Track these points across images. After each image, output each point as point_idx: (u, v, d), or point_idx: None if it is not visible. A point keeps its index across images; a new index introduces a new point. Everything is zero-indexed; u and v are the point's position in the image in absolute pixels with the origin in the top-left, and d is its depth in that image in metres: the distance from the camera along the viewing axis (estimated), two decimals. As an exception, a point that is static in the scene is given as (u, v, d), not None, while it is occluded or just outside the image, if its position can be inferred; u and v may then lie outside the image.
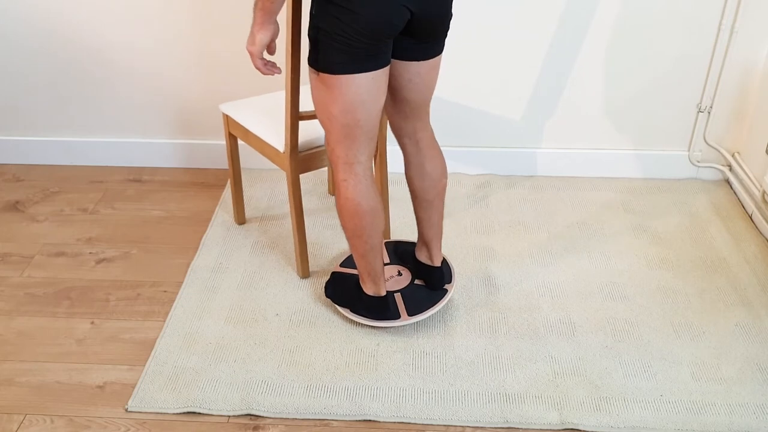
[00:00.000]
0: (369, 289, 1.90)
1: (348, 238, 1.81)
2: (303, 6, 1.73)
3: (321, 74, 1.58)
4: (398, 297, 1.96)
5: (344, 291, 1.99)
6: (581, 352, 1.87)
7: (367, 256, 1.82)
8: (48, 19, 2.47)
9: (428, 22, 1.58)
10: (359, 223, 1.75)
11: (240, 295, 2.07)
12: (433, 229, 1.94)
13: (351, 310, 1.93)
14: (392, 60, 1.67)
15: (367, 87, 1.58)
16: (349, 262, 2.12)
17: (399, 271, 2.04)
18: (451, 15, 1.64)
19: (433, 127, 2.11)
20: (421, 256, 2.00)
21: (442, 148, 1.97)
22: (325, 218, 2.43)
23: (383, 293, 1.91)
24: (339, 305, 1.96)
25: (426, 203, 1.89)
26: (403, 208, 2.47)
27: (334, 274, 2.06)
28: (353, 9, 1.47)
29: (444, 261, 2.05)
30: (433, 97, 2.23)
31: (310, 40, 1.58)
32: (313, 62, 1.60)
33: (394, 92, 1.74)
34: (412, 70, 1.68)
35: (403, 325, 1.93)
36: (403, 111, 1.78)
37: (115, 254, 2.27)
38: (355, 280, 1.97)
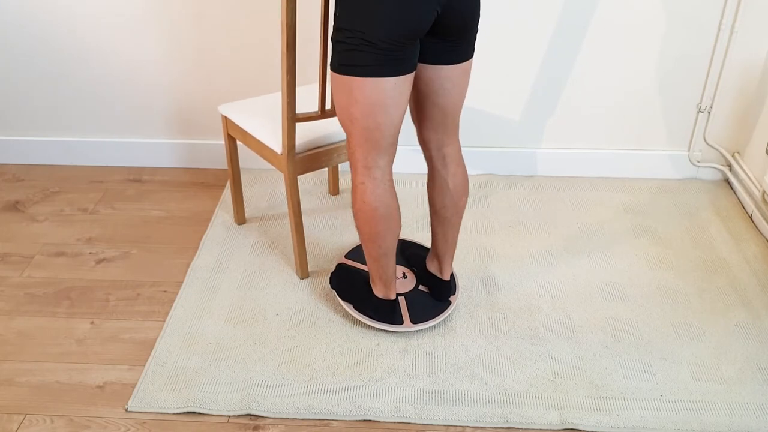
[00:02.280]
0: (379, 292, 1.89)
1: (362, 242, 1.79)
2: (298, 6, 1.72)
3: (343, 76, 1.56)
4: (402, 301, 1.96)
5: (351, 286, 1.98)
6: (581, 352, 1.87)
7: (381, 260, 1.81)
8: (48, 18, 2.47)
9: (457, 19, 1.54)
10: (375, 227, 1.72)
11: (240, 295, 2.07)
12: (447, 244, 1.91)
13: (354, 307, 1.93)
14: (422, 65, 1.64)
15: (389, 92, 1.56)
16: (355, 254, 2.11)
17: (404, 274, 2.04)
18: (479, 14, 1.60)
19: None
20: (432, 267, 1.99)
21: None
22: (325, 218, 2.43)
23: (393, 297, 1.90)
24: (342, 299, 1.95)
25: (443, 219, 1.87)
26: (403, 209, 2.47)
27: (339, 266, 2.05)
28: (378, 9, 1.46)
29: (451, 274, 2.05)
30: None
31: (332, 42, 1.57)
32: (335, 65, 1.57)
33: (424, 99, 1.70)
34: (443, 75, 1.64)
35: (405, 332, 1.93)
36: (433, 120, 1.73)
37: (115, 254, 2.27)
38: (364, 277, 1.96)
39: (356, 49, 1.51)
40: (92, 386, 1.79)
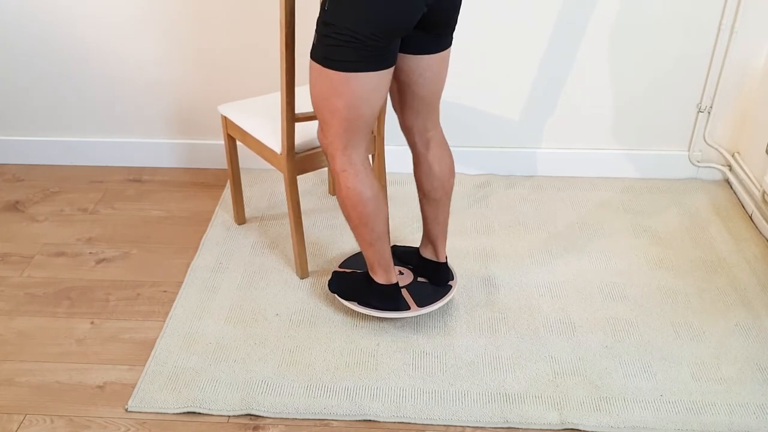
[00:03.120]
0: (380, 278, 1.89)
1: (353, 229, 1.80)
2: (297, 6, 1.72)
3: (327, 69, 1.57)
4: (405, 292, 1.96)
5: (350, 285, 1.98)
6: (581, 352, 1.87)
7: (375, 244, 1.82)
8: (48, 18, 2.47)
9: (442, 14, 1.58)
10: (363, 210, 1.74)
11: (240, 295, 2.07)
12: (440, 226, 1.94)
13: (359, 303, 1.92)
14: (403, 55, 1.66)
15: (374, 85, 1.59)
16: (348, 263, 2.11)
17: (400, 271, 2.04)
18: (461, 6, 1.64)
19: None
20: (426, 253, 2.00)
21: (442, 148, 1.97)
22: (325, 218, 2.43)
23: (395, 281, 1.90)
24: (345, 299, 1.95)
25: (433, 202, 1.90)
26: (402, 208, 2.47)
27: (335, 273, 2.06)
28: (369, 7, 1.47)
29: (446, 261, 2.05)
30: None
31: (317, 34, 1.57)
32: (319, 58, 1.58)
33: (405, 88, 1.74)
34: (423, 64, 1.68)
35: (414, 316, 1.93)
36: (414, 107, 1.77)
37: (115, 254, 2.27)
38: (362, 275, 1.96)
39: (343, 45, 1.52)
40: (92, 386, 1.79)
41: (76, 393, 1.77)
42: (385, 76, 1.60)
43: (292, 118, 1.86)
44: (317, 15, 2.34)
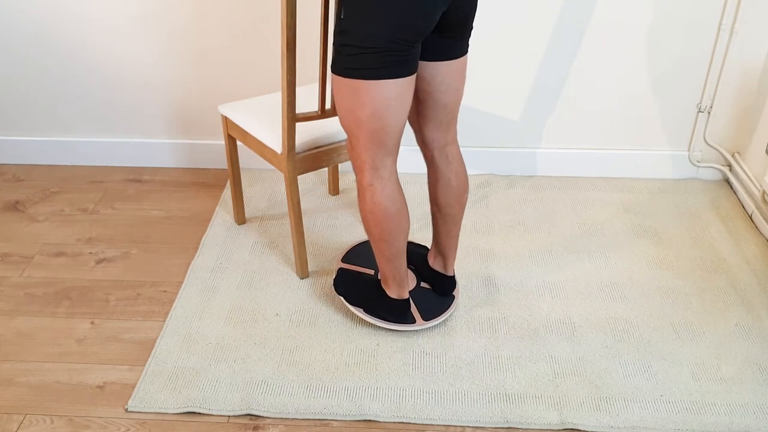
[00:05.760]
0: (393, 293, 1.88)
1: (374, 243, 1.78)
2: (299, 8, 1.72)
3: (349, 80, 1.55)
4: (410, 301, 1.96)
5: (358, 290, 1.97)
6: (581, 352, 1.87)
7: (394, 260, 1.80)
8: (48, 19, 2.47)
9: (460, 15, 1.56)
10: (387, 227, 1.72)
11: (240, 295, 2.07)
12: (452, 241, 1.92)
13: (365, 311, 1.92)
14: (423, 62, 1.64)
15: (397, 92, 1.55)
16: (351, 257, 2.11)
17: None
18: (476, 9, 1.62)
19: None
20: (435, 265, 1.99)
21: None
22: (325, 218, 2.43)
23: (407, 296, 1.90)
24: (351, 304, 1.95)
25: (448, 217, 1.88)
26: (403, 208, 2.47)
27: (341, 271, 2.05)
28: (387, 11, 1.45)
29: None
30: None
31: (335, 46, 1.55)
32: (340, 69, 1.55)
33: (427, 97, 1.70)
34: (443, 70, 1.65)
35: (418, 330, 1.93)
36: (436, 119, 1.74)
37: (115, 254, 2.27)
38: (371, 280, 1.96)
39: (363, 52, 1.50)
40: (92, 386, 1.79)
41: (76, 393, 1.77)
42: (408, 84, 1.56)
43: (293, 117, 1.86)
44: (318, 15, 2.35)
